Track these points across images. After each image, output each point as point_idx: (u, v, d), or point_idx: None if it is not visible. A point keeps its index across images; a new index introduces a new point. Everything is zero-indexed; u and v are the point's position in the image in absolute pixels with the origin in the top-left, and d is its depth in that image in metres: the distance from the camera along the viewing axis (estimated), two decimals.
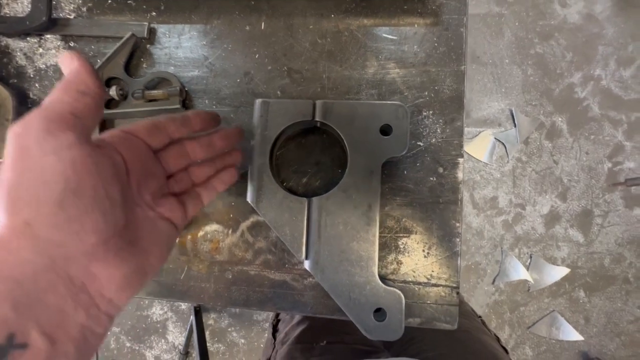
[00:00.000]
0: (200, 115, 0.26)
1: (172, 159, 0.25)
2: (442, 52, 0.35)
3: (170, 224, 0.23)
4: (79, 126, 0.17)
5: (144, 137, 0.23)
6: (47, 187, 0.15)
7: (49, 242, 0.15)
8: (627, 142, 1.24)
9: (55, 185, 0.15)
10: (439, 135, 0.34)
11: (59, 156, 0.16)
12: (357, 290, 0.30)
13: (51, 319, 0.15)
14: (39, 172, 0.15)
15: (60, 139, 0.16)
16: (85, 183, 0.16)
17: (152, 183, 0.23)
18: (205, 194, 0.27)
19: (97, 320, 0.17)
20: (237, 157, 0.31)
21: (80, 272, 0.16)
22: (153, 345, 1.30)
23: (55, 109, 0.17)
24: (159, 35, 0.38)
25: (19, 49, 0.39)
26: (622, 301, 1.22)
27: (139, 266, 0.19)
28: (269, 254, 0.35)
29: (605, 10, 1.26)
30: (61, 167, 0.15)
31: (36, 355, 0.14)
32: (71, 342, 0.15)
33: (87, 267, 0.16)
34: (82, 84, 0.18)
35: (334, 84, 0.36)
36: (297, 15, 0.37)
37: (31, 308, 0.14)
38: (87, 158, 0.17)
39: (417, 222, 0.34)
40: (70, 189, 0.15)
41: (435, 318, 0.33)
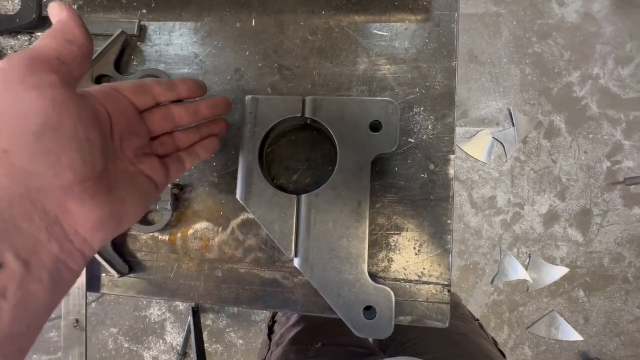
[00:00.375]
0: (186, 82, 0.26)
1: (157, 121, 0.25)
2: (433, 48, 0.35)
3: (150, 182, 0.24)
4: (63, 71, 0.17)
5: (129, 95, 0.23)
6: (26, 119, 0.15)
7: (25, 171, 0.16)
8: (626, 141, 1.23)
9: (34, 118, 0.16)
10: (430, 132, 0.34)
11: (41, 92, 0.16)
12: (347, 288, 0.30)
13: (25, 245, 0.15)
14: (20, 104, 0.15)
15: (43, 78, 0.16)
16: (65, 122, 0.17)
17: (135, 140, 0.23)
18: (189, 160, 0.28)
19: (71, 256, 0.17)
20: (222, 126, 0.30)
21: (55, 205, 0.16)
22: (151, 346, 1.29)
23: (41, 51, 0.17)
24: (150, 33, 0.38)
25: (9, 47, 0.38)
26: (622, 301, 1.21)
27: (115, 212, 0.19)
28: (259, 252, 0.35)
29: (603, 9, 1.26)
30: (42, 103, 0.16)
31: (11, 276, 0.15)
32: (45, 270, 0.16)
33: (62, 203, 0.17)
34: (70, 34, 0.18)
35: (324, 81, 0.36)
36: (287, 12, 0.37)
37: (6, 232, 0.15)
38: (69, 100, 0.17)
39: (409, 219, 0.34)
40: (50, 124, 0.16)
41: (426, 316, 0.33)
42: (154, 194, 0.24)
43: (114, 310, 1.30)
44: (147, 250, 0.36)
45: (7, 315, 0.15)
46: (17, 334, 0.15)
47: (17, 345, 0.15)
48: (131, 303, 1.30)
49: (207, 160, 0.36)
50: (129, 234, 0.36)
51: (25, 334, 0.16)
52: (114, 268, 0.34)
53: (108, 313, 1.30)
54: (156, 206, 0.34)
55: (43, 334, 1.30)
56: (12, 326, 0.15)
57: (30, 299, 0.15)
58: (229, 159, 0.36)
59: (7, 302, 0.15)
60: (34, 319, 0.16)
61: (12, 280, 0.15)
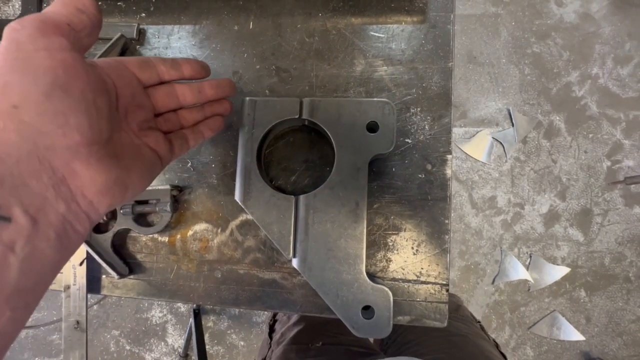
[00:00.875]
0: (190, 62, 0.27)
1: (161, 98, 0.26)
2: (429, 49, 0.35)
3: (154, 154, 0.24)
4: (72, 37, 0.18)
5: (134, 69, 0.24)
6: (36, 77, 0.16)
7: (34, 128, 0.16)
8: (626, 140, 1.23)
9: (44, 77, 0.16)
10: (427, 132, 0.34)
11: (50, 53, 0.16)
12: (345, 288, 0.30)
13: (33, 201, 0.16)
14: (30, 63, 0.16)
15: (53, 40, 0.17)
16: (74, 84, 0.17)
17: (140, 114, 0.24)
18: (192, 137, 0.28)
19: (77, 217, 0.18)
20: (226, 106, 0.30)
21: (62, 165, 0.17)
22: (153, 348, 1.29)
23: (52, 16, 0.18)
24: (149, 36, 0.38)
25: None
26: (624, 300, 1.21)
27: (120, 178, 0.20)
28: (258, 253, 0.35)
29: (601, 9, 1.26)
30: (51, 63, 0.16)
31: (19, 231, 0.15)
32: (52, 228, 0.16)
33: (69, 163, 0.17)
34: (80, 3, 0.19)
35: (322, 82, 0.36)
36: (285, 15, 0.37)
37: (15, 187, 0.15)
38: (78, 64, 0.17)
39: (406, 219, 0.34)
40: (59, 85, 0.16)
41: (425, 316, 0.33)
42: (158, 167, 0.25)
43: (115, 312, 1.31)
44: (146, 252, 0.36)
45: (15, 269, 0.15)
46: (25, 288, 0.16)
47: (24, 300, 0.16)
48: (132, 305, 1.30)
49: (206, 161, 0.36)
50: (128, 235, 0.36)
51: (32, 289, 0.16)
52: (113, 269, 0.34)
53: (109, 315, 1.31)
54: (155, 207, 0.35)
55: (45, 336, 1.30)
56: (20, 280, 0.15)
57: (38, 255, 0.16)
58: (227, 161, 0.36)
59: (16, 256, 0.15)
60: (41, 276, 0.16)
61: (20, 235, 0.15)
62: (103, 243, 0.35)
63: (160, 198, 0.35)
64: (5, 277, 0.15)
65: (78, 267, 0.35)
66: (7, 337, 0.15)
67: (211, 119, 0.30)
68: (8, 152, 0.15)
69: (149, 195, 0.35)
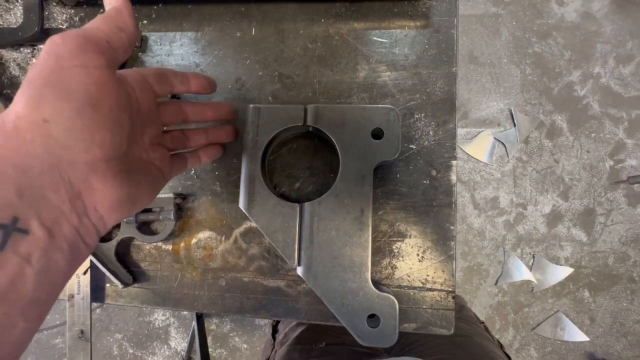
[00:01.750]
0: (198, 77, 0.27)
1: (169, 114, 0.27)
2: (433, 54, 0.35)
3: (159, 171, 0.25)
4: (109, 54, 0.18)
5: (152, 82, 0.24)
6: (70, 93, 0.16)
7: (60, 143, 0.16)
8: (629, 139, 1.23)
9: (77, 94, 0.17)
10: (431, 138, 0.34)
11: (87, 71, 0.17)
12: (350, 296, 0.30)
13: (50, 214, 0.16)
14: (65, 79, 0.16)
15: (91, 58, 0.17)
16: (104, 102, 0.18)
17: (152, 129, 0.25)
18: (190, 161, 0.29)
19: (87, 230, 0.18)
20: (229, 132, 0.32)
21: (80, 180, 0.17)
22: (155, 352, 1.29)
23: (93, 33, 0.18)
24: (151, 43, 0.38)
25: (12, 59, 0.39)
26: (628, 301, 1.20)
27: (130, 194, 0.20)
28: (262, 261, 0.35)
29: (602, 8, 1.26)
30: (86, 81, 0.17)
31: (36, 243, 0.15)
32: (65, 241, 0.17)
33: (87, 178, 0.17)
34: (122, 21, 0.20)
35: (325, 89, 0.36)
36: (287, 21, 0.37)
37: (34, 199, 0.16)
38: (111, 82, 0.18)
39: (411, 225, 0.34)
40: (90, 102, 0.17)
41: (431, 323, 0.32)
42: (161, 183, 0.25)
43: (118, 315, 1.31)
44: (150, 260, 0.36)
45: (31, 280, 0.15)
46: (39, 299, 0.16)
47: (38, 310, 0.16)
48: (135, 308, 1.30)
49: (209, 169, 0.36)
50: (132, 244, 0.36)
51: (45, 300, 0.17)
52: (117, 278, 0.34)
53: (112, 319, 1.31)
54: (159, 216, 0.34)
55: (48, 340, 1.30)
56: (35, 291, 0.15)
57: (52, 266, 0.16)
58: (231, 168, 0.36)
59: (32, 267, 0.15)
60: (54, 287, 0.17)
61: (37, 248, 0.15)
62: (107, 252, 0.34)
63: (163, 206, 0.35)
64: (21, 289, 0.15)
65: (82, 276, 0.35)
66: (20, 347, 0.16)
67: (211, 146, 0.31)
68: (32, 165, 0.16)
69: (153, 204, 0.35)
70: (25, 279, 0.15)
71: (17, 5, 0.39)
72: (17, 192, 0.15)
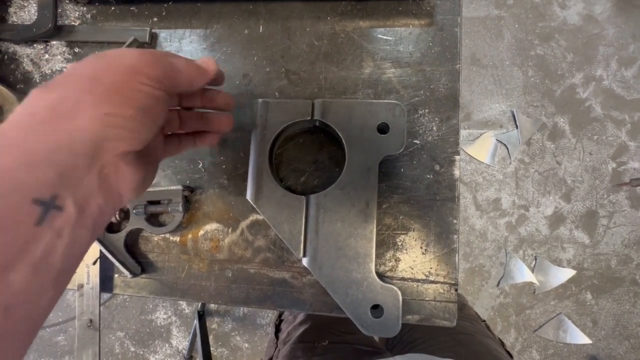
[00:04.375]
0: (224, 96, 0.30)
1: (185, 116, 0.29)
2: (437, 51, 0.36)
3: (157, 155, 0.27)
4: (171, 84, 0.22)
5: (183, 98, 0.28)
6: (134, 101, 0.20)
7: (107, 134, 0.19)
8: (631, 142, 1.23)
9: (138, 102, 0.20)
10: (435, 133, 0.35)
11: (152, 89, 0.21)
12: (355, 287, 0.30)
13: (82, 194, 0.18)
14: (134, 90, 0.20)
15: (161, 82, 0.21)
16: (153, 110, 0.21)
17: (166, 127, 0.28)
18: (184, 144, 0.30)
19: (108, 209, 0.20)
20: (228, 121, 0.31)
21: (111, 165, 0.20)
22: (157, 350, 1.30)
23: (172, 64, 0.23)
24: (161, 40, 0.39)
25: (25, 55, 0.40)
26: (630, 303, 1.20)
27: (145, 177, 0.23)
28: (268, 252, 0.35)
29: (605, 11, 1.26)
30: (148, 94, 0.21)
31: (68, 219, 0.17)
32: (91, 218, 0.19)
33: (117, 164, 0.20)
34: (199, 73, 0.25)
35: (330, 85, 0.36)
36: (294, 18, 0.38)
37: (71, 180, 0.17)
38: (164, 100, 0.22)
39: (415, 219, 0.34)
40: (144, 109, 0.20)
41: (434, 315, 0.33)
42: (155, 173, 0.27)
43: (120, 313, 1.31)
44: (158, 251, 0.37)
45: (61, 253, 0.17)
46: (65, 270, 0.18)
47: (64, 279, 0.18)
48: (137, 306, 1.31)
49: (217, 162, 0.37)
50: (140, 235, 0.37)
51: (70, 271, 0.19)
52: (126, 268, 0.35)
53: (114, 317, 1.31)
54: (167, 208, 0.35)
55: (50, 338, 1.31)
56: (63, 263, 0.17)
57: (77, 241, 0.18)
58: (238, 161, 0.36)
59: (62, 241, 0.17)
60: (77, 259, 0.19)
61: (68, 223, 0.17)
62: (116, 242, 0.35)
63: (172, 198, 0.35)
64: (52, 261, 0.17)
65: (91, 266, 0.35)
66: (47, 312, 0.18)
67: (209, 134, 0.31)
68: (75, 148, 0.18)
69: (161, 196, 0.36)
70: (56, 251, 0.17)
71: (31, 3, 0.40)
72: (58, 175, 0.17)
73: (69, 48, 0.40)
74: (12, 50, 0.40)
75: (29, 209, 0.16)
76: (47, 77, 0.40)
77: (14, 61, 0.40)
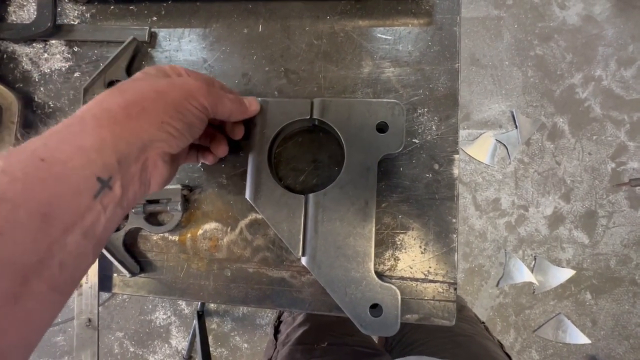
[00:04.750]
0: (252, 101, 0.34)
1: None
2: (436, 50, 0.36)
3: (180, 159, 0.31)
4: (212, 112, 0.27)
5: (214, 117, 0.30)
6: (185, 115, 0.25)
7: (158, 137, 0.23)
8: (630, 142, 1.23)
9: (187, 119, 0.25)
10: (434, 132, 0.35)
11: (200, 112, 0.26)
12: (353, 286, 0.30)
13: (127, 179, 0.22)
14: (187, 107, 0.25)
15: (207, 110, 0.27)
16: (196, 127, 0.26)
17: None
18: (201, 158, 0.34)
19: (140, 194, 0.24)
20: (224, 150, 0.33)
21: (151, 160, 0.24)
22: (156, 350, 1.29)
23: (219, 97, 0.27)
24: (160, 39, 0.39)
25: (24, 54, 0.40)
26: (630, 303, 1.20)
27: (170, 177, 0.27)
28: (267, 252, 0.35)
29: (604, 11, 1.26)
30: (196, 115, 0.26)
31: (113, 198, 0.20)
32: (127, 200, 0.22)
33: (156, 160, 0.24)
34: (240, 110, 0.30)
35: (330, 84, 0.36)
36: (293, 18, 0.38)
37: (123, 166, 0.21)
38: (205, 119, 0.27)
39: (414, 218, 0.34)
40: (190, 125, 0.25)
41: (433, 314, 0.33)
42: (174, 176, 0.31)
43: (119, 314, 1.31)
44: (157, 251, 0.36)
45: (103, 225, 0.20)
46: (102, 241, 0.21)
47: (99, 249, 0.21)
48: (136, 307, 1.31)
49: (216, 161, 0.37)
50: (139, 234, 0.37)
51: (103, 243, 0.22)
52: (125, 268, 0.35)
53: (114, 317, 1.31)
54: (166, 207, 0.35)
55: (49, 338, 1.31)
56: (102, 234, 0.20)
57: (114, 218, 0.21)
58: (237, 161, 0.36)
59: (105, 216, 0.20)
60: (109, 233, 0.22)
61: (112, 202, 0.20)
62: (115, 241, 0.35)
63: (171, 197, 0.35)
64: (96, 230, 0.20)
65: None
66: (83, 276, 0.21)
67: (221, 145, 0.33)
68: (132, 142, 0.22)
69: (160, 195, 0.35)
70: (100, 223, 0.20)
71: (31, 2, 0.40)
72: (117, 160, 0.21)
73: (68, 47, 0.40)
74: (11, 49, 0.40)
75: (93, 183, 0.19)
76: (46, 76, 0.40)
77: (13, 60, 0.40)
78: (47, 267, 0.17)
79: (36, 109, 0.39)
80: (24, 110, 0.39)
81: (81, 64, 0.39)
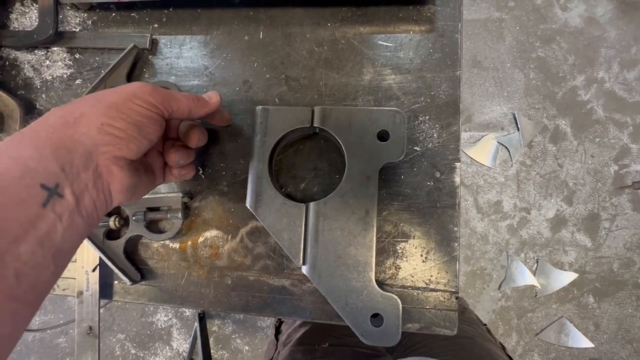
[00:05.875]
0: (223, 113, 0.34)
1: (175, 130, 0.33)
2: (437, 58, 0.36)
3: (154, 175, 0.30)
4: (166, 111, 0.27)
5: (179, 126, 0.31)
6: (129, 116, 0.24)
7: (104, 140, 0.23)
8: (633, 144, 1.22)
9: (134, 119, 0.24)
10: (435, 140, 0.35)
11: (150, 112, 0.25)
12: (354, 295, 0.30)
13: (79, 186, 0.21)
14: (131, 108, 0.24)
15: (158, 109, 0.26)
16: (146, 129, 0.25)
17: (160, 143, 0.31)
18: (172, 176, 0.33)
19: (100, 204, 0.23)
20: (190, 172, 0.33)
21: (105, 166, 0.23)
22: (157, 352, 1.30)
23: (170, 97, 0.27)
24: (161, 46, 0.39)
25: (26, 61, 0.40)
26: (633, 307, 1.19)
27: (134, 184, 0.26)
28: (268, 260, 0.35)
29: (606, 13, 1.26)
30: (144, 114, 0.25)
31: (66, 206, 0.20)
32: (85, 209, 0.22)
33: (110, 166, 0.23)
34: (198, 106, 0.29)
35: (331, 91, 0.36)
36: (294, 25, 0.38)
37: (71, 174, 0.21)
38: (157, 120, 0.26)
39: (415, 226, 0.34)
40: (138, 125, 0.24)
41: (434, 323, 0.33)
42: (154, 185, 0.30)
43: (121, 316, 1.31)
44: (158, 258, 0.36)
45: (60, 234, 0.20)
46: (64, 250, 0.21)
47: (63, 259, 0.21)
48: (138, 309, 1.31)
49: (217, 169, 0.37)
50: (140, 242, 0.37)
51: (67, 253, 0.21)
52: (126, 275, 0.35)
53: (115, 319, 1.31)
54: (167, 214, 0.35)
55: (51, 340, 1.31)
56: (62, 243, 0.20)
57: (74, 226, 0.21)
58: (237, 168, 0.36)
59: (62, 224, 0.20)
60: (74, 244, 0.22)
61: (67, 209, 0.20)
62: (115, 249, 0.35)
63: (171, 205, 0.35)
64: (53, 239, 0.20)
65: (91, 273, 0.35)
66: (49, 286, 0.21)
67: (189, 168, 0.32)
68: (76, 149, 0.21)
69: (161, 203, 0.35)
70: (57, 232, 0.20)
71: (33, 9, 0.40)
72: (60, 167, 0.20)
73: (70, 54, 0.40)
74: (13, 56, 0.40)
75: (37, 191, 0.19)
76: (48, 83, 0.40)
77: (14, 67, 0.40)
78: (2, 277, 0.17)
79: (38, 116, 0.39)
80: (26, 117, 0.39)
81: (83, 71, 0.39)
